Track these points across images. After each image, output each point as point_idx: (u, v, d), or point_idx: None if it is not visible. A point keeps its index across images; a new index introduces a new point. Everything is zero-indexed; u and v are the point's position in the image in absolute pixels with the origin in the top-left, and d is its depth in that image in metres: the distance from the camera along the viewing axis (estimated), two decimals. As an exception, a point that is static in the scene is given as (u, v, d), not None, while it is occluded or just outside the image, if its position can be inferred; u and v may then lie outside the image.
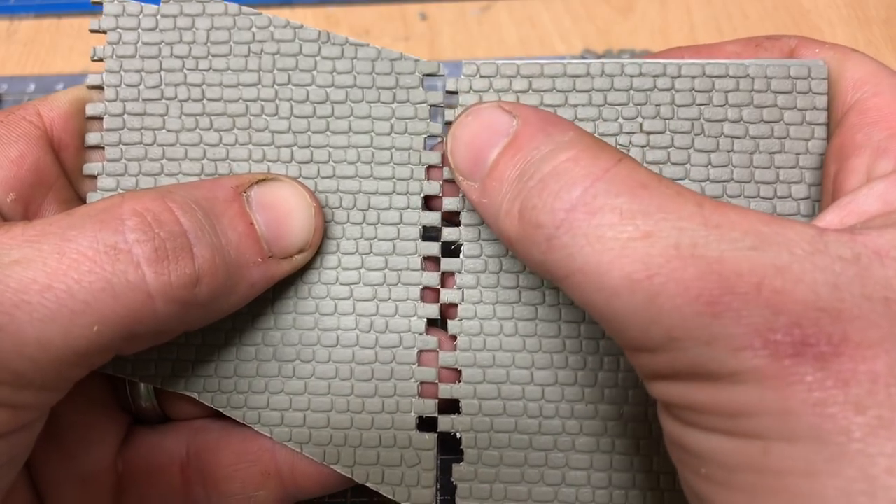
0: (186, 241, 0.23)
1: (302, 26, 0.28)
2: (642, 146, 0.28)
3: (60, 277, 0.21)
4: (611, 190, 0.21)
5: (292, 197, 0.27)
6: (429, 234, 0.29)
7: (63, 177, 0.29)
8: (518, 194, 0.23)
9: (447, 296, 0.28)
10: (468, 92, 0.28)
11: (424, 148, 0.28)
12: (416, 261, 0.28)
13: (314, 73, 0.28)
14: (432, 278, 0.28)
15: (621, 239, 0.20)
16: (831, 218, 0.22)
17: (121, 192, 0.28)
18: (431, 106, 0.28)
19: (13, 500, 0.27)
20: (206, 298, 0.24)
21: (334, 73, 0.28)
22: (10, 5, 0.50)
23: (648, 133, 0.28)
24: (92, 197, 0.28)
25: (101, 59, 0.29)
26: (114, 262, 0.22)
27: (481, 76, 0.28)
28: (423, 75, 0.28)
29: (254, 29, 0.28)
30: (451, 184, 0.28)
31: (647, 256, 0.20)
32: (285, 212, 0.26)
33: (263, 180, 0.27)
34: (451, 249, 0.28)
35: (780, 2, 0.49)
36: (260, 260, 0.26)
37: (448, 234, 0.28)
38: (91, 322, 0.21)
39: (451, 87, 0.28)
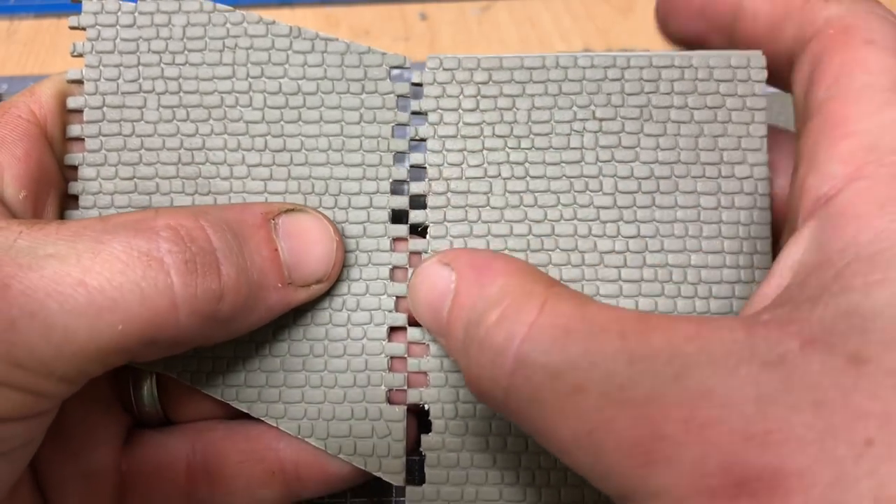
0: (215, 258, 0.25)
1: (274, 22, 0.30)
2: (595, 132, 0.30)
3: (93, 275, 0.23)
4: (537, 347, 0.21)
5: (317, 229, 0.29)
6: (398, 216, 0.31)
7: (60, 173, 0.31)
8: (467, 362, 0.24)
9: (415, 245, 0.30)
10: (432, 84, 0.30)
11: (392, 136, 0.30)
12: (386, 242, 0.30)
13: (286, 66, 0.30)
14: (401, 258, 0.30)
15: (559, 398, 0.21)
16: (789, 279, 0.22)
17: (101, 180, 0.30)
18: (398, 96, 0.30)
19: (17, 495, 0.28)
20: (226, 315, 0.26)
21: (305, 66, 0.30)
22: (10, 5, 0.52)
23: (601, 120, 0.30)
24: (73, 187, 0.30)
25: (80, 55, 0.31)
26: (146, 267, 0.24)
27: (444, 69, 0.30)
28: (390, 67, 0.30)
29: (228, 25, 0.30)
30: (417, 169, 0.30)
31: (583, 412, 0.20)
32: (309, 242, 0.28)
33: (292, 210, 0.29)
34: (419, 231, 0.30)
35: (780, 1, 0.50)
36: (280, 285, 0.27)
37: (415, 216, 0.30)
38: (117, 321, 0.23)
39: (416, 79, 0.30)
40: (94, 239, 0.24)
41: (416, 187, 0.30)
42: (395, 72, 0.31)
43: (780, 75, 0.29)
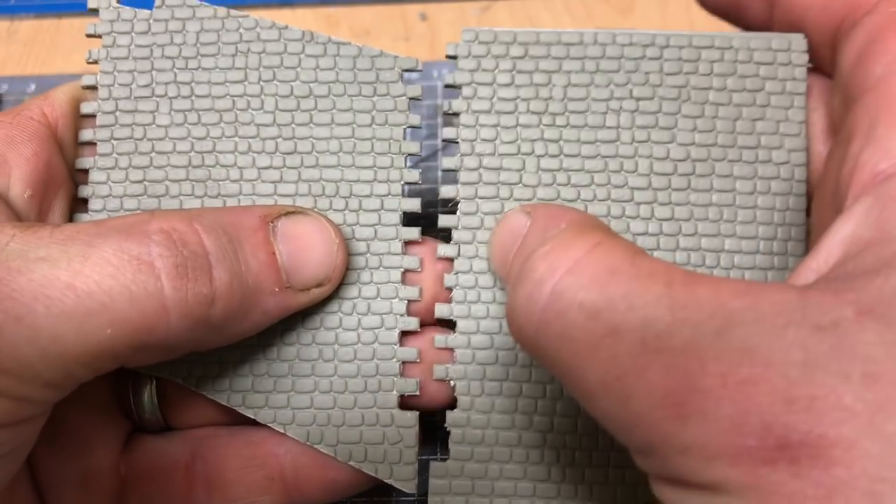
0: (207, 262, 0.25)
1: (287, 27, 0.31)
2: (632, 111, 0.30)
3: (83, 278, 0.23)
4: (578, 283, 0.21)
5: (317, 231, 0.28)
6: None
7: (69, 175, 0.31)
8: (511, 296, 0.23)
9: (442, 250, 0.30)
10: (467, 57, 0.30)
11: (404, 138, 0.31)
12: (397, 245, 0.30)
13: (298, 69, 0.31)
14: (413, 262, 0.30)
15: (591, 339, 0.20)
16: (839, 254, 0.21)
17: (111, 183, 0.31)
18: (410, 99, 0.31)
19: (15, 497, 0.29)
20: (219, 320, 0.26)
21: (317, 70, 0.31)
22: (10, 5, 0.52)
23: (638, 99, 0.30)
24: (83, 190, 0.31)
25: (95, 62, 0.31)
26: (135, 271, 0.24)
27: (480, 42, 0.30)
28: (402, 70, 0.31)
29: (241, 30, 0.31)
30: (449, 143, 0.31)
31: (615, 356, 0.20)
32: (308, 245, 0.28)
33: (292, 213, 0.28)
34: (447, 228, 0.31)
35: (780, 1, 0.51)
36: (277, 290, 0.27)
37: (445, 191, 0.30)
38: (105, 324, 0.23)
39: (450, 52, 0.31)
40: (85, 242, 0.24)
41: (447, 162, 0.30)
42: (407, 74, 0.31)
43: (817, 51, 0.29)
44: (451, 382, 0.30)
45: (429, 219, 0.31)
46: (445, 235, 0.31)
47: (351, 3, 0.52)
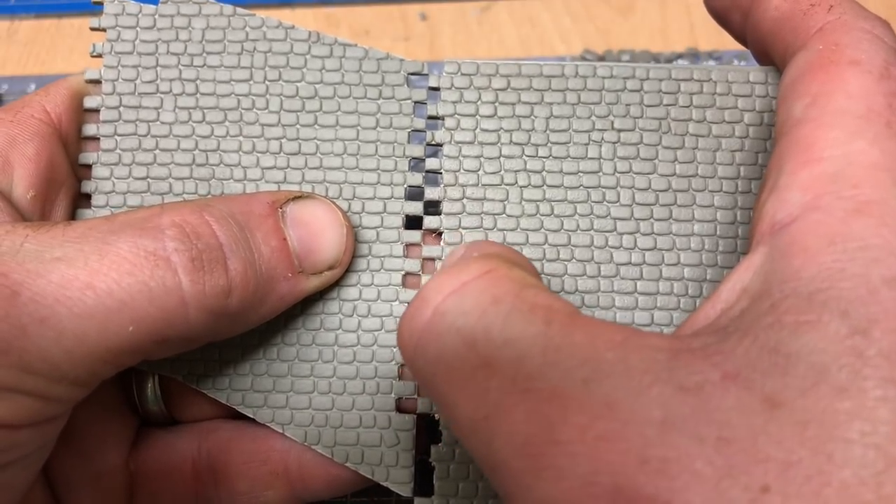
0: (222, 253, 0.26)
1: (293, 27, 0.32)
2: (613, 142, 0.31)
3: (101, 277, 0.23)
4: (461, 306, 0.21)
5: (325, 215, 0.29)
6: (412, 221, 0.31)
7: (72, 172, 0.31)
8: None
9: (429, 252, 0.31)
10: (450, 88, 0.31)
11: (408, 142, 0.31)
12: (399, 248, 0.31)
13: (304, 70, 0.31)
14: (414, 265, 0.31)
15: (465, 368, 0.20)
16: (731, 304, 0.21)
17: (115, 179, 0.31)
18: (415, 102, 0.32)
19: (30, 497, 0.29)
20: (235, 309, 0.26)
21: (323, 71, 0.31)
22: (10, 5, 0.53)
23: (619, 131, 0.31)
24: (86, 186, 0.31)
25: (99, 56, 0.32)
26: (153, 267, 0.24)
27: (462, 74, 0.31)
28: (408, 74, 0.32)
29: (247, 29, 0.32)
30: (432, 174, 0.31)
31: (486, 391, 0.20)
32: (318, 229, 0.29)
33: (299, 197, 0.29)
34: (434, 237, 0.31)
35: (780, 2, 0.51)
36: (290, 275, 0.28)
37: (429, 222, 0.31)
38: (127, 321, 0.24)
39: (433, 83, 0.31)
40: (100, 240, 0.24)
41: (431, 193, 0.31)
42: (412, 78, 0.32)
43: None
44: (435, 415, 0.30)
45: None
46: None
47: (351, 3, 0.53)
